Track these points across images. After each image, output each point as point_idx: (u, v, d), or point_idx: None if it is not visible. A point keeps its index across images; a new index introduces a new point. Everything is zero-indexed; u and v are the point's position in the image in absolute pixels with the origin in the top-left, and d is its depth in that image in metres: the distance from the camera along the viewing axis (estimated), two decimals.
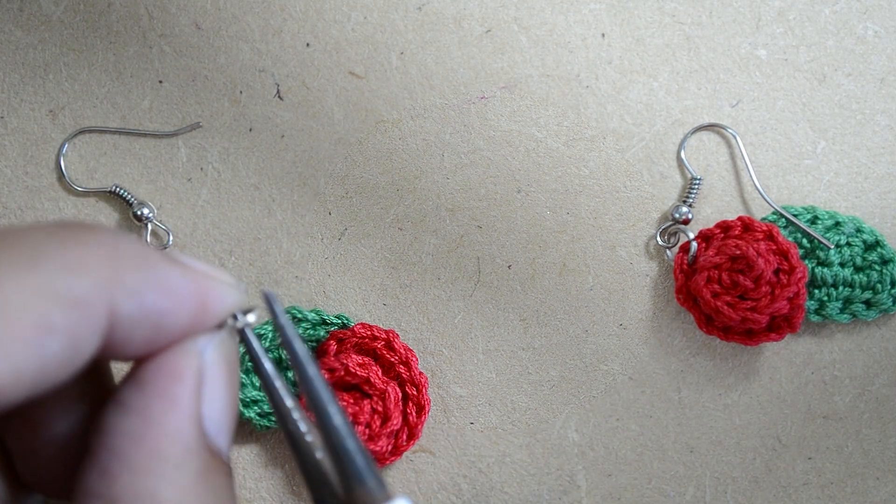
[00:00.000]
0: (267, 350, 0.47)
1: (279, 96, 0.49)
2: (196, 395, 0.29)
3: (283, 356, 0.47)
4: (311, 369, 0.30)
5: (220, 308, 0.31)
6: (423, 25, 0.50)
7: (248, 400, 0.46)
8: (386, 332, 0.47)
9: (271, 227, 0.49)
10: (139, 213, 0.48)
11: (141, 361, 0.30)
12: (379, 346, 0.47)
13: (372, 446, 0.45)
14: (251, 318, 0.30)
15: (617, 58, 0.50)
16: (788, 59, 0.50)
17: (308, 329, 0.47)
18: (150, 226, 0.48)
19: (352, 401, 0.46)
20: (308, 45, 0.50)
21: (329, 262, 0.49)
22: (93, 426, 0.30)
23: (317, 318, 0.47)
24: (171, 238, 0.48)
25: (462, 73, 0.50)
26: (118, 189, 0.49)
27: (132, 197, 0.48)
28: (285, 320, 0.31)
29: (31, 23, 0.49)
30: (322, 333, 0.47)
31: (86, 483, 0.28)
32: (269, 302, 0.30)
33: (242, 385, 0.46)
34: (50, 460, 0.31)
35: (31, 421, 0.31)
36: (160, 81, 0.49)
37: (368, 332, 0.47)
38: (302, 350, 0.30)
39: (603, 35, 0.50)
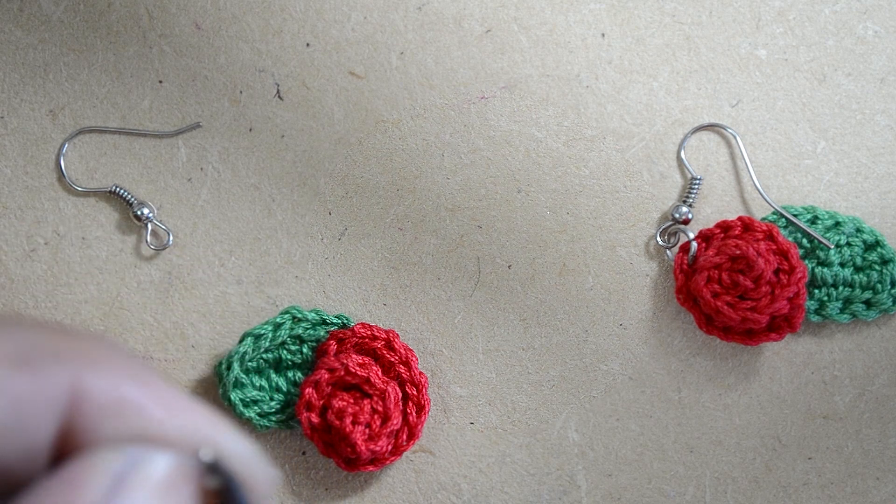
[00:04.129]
0: (266, 350, 0.47)
1: (279, 96, 0.49)
2: None
3: (284, 356, 0.47)
4: None
5: (215, 443, 0.28)
6: (423, 25, 0.50)
7: (248, 400, 0.46)
8: (386, 332, 0.47)
9: (271, 227, 0.49)
10: (139, 213, 0.48)
11: None
12: (379, 346, 0.47)
13: (372, 446, 0.45)
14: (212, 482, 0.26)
15: (617, 58, 0.50)
16: (788, 59, 0.50)
17: (308, 329, 0.47)
18: (150, 226, 0.48)
19: (352, 401, 0.46)
20: (308, 45, 0.50)
21: (329, 262, 0.49)
22: None
23: (317, 318, 0.47)
24: (171, 238, 0.48)
25: (462, 73, 0.50)
26: (118, 189, 0.49)
27: (132, 197, 0.48)
28: None
29: (31, 23, 0.49)
30: (322, 333, 0.47)
31: None
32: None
33: (242, 385, 0.46)
34: None
35: None
36: (160, 81, 0.49)
37: (368, 332, 0.47)
38: None
39: (603, 35, 0.50)
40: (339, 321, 0.48)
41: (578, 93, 0.49)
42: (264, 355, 0.47)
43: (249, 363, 0.47)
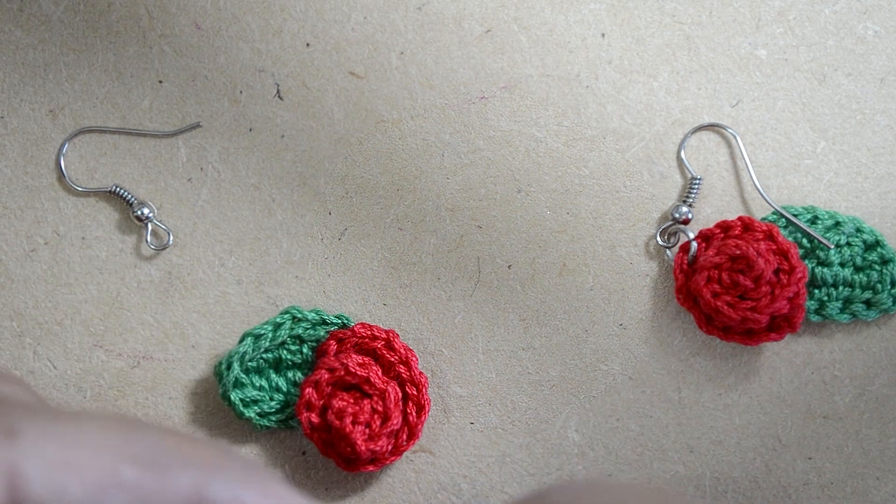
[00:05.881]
0: (266, 350, 0.47)
1: (279, 96, 0.49)
2: None
3: (284, 356, 0.47)
4: None
5: None
6: (423, 25, 0.50)
7: (248, 400, 0.46)
8: (386, 331, 0.47)
9: (271, 227, 0.49)
10: (139, 213, 0.48)
11: None
12: (379, 345, 0.47)
13: (372, 446, 0.45)
14: None
15: (617, 58, 0.50)
16: (788, 59, 0.50)
17: (308, 329, 0.47)
18: (150, 226, 0.48)
19: (352, 401, 0.46)
20: (308, 45, 0.50)
21: (329, 262, 0.49)
22: None
23: (317, 318, 0.47)
24: (171, 238, 0.48)
25: (462, 73, 0.50)
26: (118, 189, 0.49)
27: (132, 197, 0.48)
28: None
29: (31, 23, 0.50)
30: (322, 333, 0.47)
31: None
32: None
33: (242, 385, 0.46)
34: None
35: None
36: (160, 81, 0.49)
37: (368, 332, 0.47)
38: None
39: (603, 35, 0.50)
40: (339, 321, 0.48)
41: (578, 93, 0.49)
42: (264, 355, 0.47)
43: (249, 363, 0.47)
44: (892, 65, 0.50)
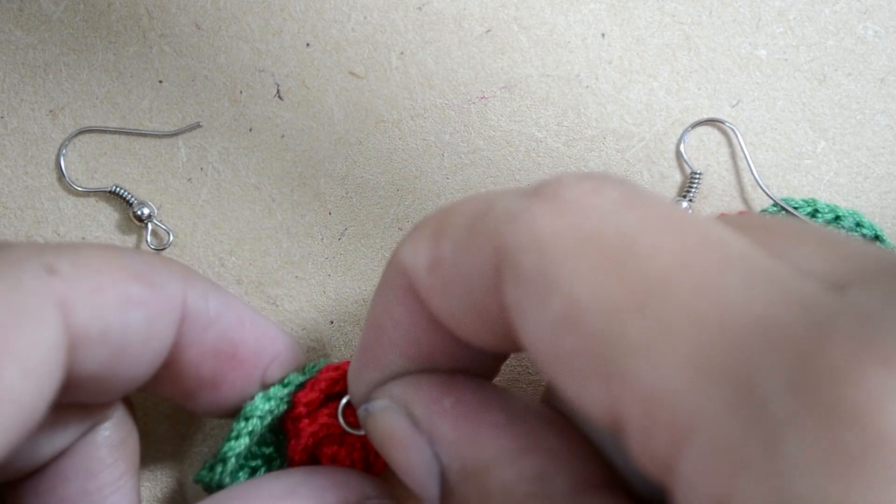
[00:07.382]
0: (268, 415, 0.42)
1: (279, 96, 0.49)
2: None
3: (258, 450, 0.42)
4: None
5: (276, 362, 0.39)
6: (423, 25, 0.50)
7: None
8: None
9: (271, 227, 0.49)
10: (139, 213, 0.48)
11: None
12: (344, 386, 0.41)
13: (375, 471, 0.42)
14: None
15: (617, 58, 0.50)
16: (788, 59, 0.50)
17: (272, 415, 0.41)
18: (150, 226, 0.48)
19: (340, 446, 0.42)
20: (308, 45, 0.50)
21: (329, 262, 0.49)
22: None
23: (266, 406, 0.41)
24: (171, 238, 0.48)
25: (462, 73, 0.50)
26: (118, 189, 0.48)
27: (132, 197, 0.48)
28: None
29: (31, 23, 0.50)
30: (283, 407, 0.41)
31: None
32: None
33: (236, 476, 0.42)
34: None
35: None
36: (160, 81, 0.50)
37: (334, 374, 0.41)
38: None
39: (603, 35, 0.50)
40: (290, 387, 0.41)
41: (578, 93, 0.49)
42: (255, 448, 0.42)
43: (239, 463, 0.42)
44: (892, 65, 0.50)
